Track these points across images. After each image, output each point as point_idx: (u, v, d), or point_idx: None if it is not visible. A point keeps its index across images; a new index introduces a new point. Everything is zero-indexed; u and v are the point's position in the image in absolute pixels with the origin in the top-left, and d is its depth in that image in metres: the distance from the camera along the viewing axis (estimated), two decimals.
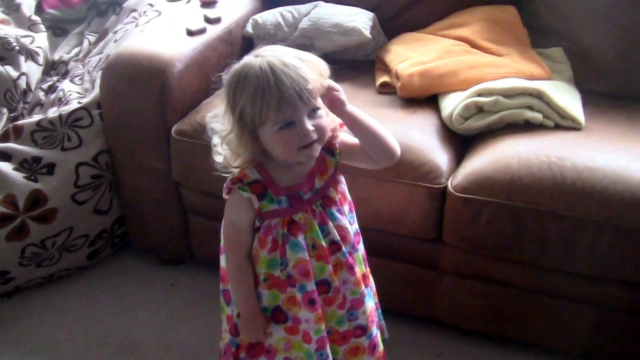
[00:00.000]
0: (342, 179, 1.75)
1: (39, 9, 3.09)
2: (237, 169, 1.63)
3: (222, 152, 1.62)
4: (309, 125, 1.53)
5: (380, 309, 1.93)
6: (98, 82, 2.47)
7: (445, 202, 2.08)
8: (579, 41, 2.49)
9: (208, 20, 2.57)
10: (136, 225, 2.64)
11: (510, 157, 2.04)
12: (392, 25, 2.70)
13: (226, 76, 1.56)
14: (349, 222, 1.73)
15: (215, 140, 1.63)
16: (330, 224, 1.70)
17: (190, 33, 2.49)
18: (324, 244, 1.69)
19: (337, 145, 1.70)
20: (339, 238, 1.70)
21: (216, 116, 1.62)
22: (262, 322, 1.73)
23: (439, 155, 2.13)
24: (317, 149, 1.59)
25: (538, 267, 2.05)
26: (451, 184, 2.06)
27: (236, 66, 1.55)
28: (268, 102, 1.49)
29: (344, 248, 1.71)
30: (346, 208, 1.74)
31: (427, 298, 2.26)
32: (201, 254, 2.59)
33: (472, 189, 2.02)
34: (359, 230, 1.79)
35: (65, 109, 2.46)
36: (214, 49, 2.51)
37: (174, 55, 2.38)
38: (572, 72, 2.45)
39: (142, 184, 2.50)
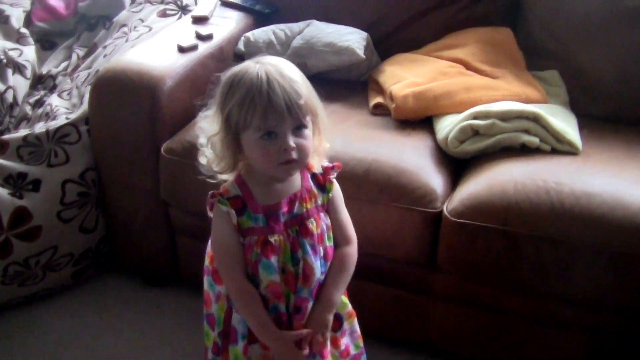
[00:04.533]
0: (329, 221, 1.72)
1: (27, 22, 3.04)
2: (221, 175, 1.65)
3: (207, 155, 1.63)
4: (291, 141, 1.53)
5: (365, 354, 1.86)
6: (87, 97, 2.42)
7: (440, 227, 2.04)
8: (574, 63, 2.47)
9: (200, 37, 2.53)
10: (122, 245, 2.58)
11: (506, 181, 2.00)
12: (386, 45, 2.67)
13: (224, 77, 1.57)
14: (319, 266, 1.68)
15: (202, 140, 1.64)
16: (301, 253, 1.66)
17: (182, 49, 2.45)
18: (292, 270, 1.66)
19: (331, 181, 1.70)
20: (300, 273, 1.66)
21: (207, 116, 1.62)
22: (290, 340, 1.66)
23: (434, 179, 2.09)
24: (296, 168, 1.60)
25: (534, 293, 2.01)
26: (447, 208, 2.02)
27: (235, 68, 1.56)
28: (255, 108, 1.50)
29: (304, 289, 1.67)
30: (321, 250, 1.69)
31: (420, 324, 2.21)
32: (188, 275, 2.53)
33: (468, 214, 1.98)
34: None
35: (53, 125, 2.41)
36: (205, 66, 2.47)
37: (165, 71, 2.33)
38: (567, 95, 2.43)
39: (129, 203, 2.45)
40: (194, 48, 2.47)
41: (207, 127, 1.61)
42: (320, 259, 1.68)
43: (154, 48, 2.50)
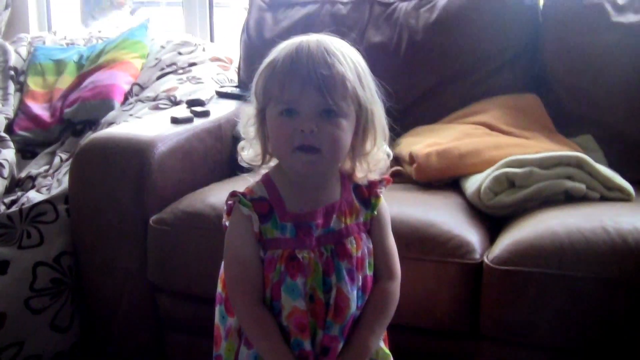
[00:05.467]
0: (371, 245, 1.43)
1: (9, 131, 2.83)
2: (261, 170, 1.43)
3: (242, 143, 1.44)
4: (313, 124, 1.28)
5: None
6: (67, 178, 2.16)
7: (481, 283, 1.71)
8: (608, 127, 2.29)
9: (195, 113, 2.30)
10: (101, 347, 2.20)
11: (555, 225, 1.72)
12: (401, 124, 2.43)
13: None
14: (355, 297, 1.38)
15: (239, 125, 1.44)
16: (334, 279, 1.36)
17: (176, 121, 2.21)
18: (323, 299, 1.36)
19: (379, 195, 1.44)
20: (332, 304, 1.36)
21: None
22: None
23: (469, 232, 1.80)
24: (319, 162, 1.32)
25: (600, 354, 1.66)
26: (487, 258, 1.71)
27: None
28: (275, 76, 1.31)
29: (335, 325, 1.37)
30: (359, 279, 1.40)
31: None
32: None
33: (515, 260, 1.67)
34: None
35: (28, 203, 2.13)
36: (202, 140, 2.23)
37: (156, 137, 2.09)
38: (605, 159, 2.18)
39: (109, 291, 2.10)
40: (189, 120, 2.24)
41: (245, 108, 1.42)
42: (357, 289, 1.38)
43: (144, 121, 2.28)
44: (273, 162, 1.43)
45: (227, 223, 1.41)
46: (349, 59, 1.33)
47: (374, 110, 1.37)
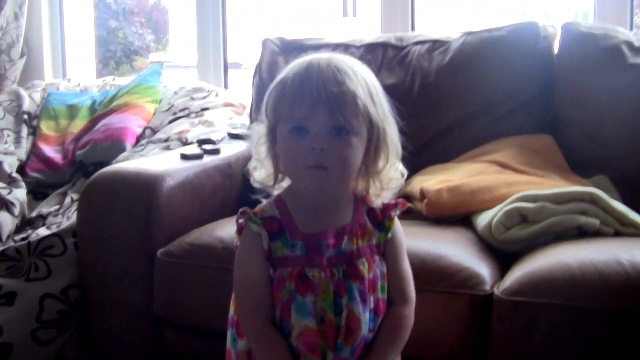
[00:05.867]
0: (384, 269, 1.41)
1: (21, 172, 2.84)
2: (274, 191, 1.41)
3: (253, 164, 1.42)
4: (322, 141, 1.27)
5: None
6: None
7: (490, 315, 1.67)
8: (624, 168, 2.24)
9: (205, 151, 2.30)
10: None
11: (567, 257, 1.68)
12: (412, 165, 2.41)
13: None
14: (367, 320, 1.35)
15: (251, 144, 1.44)
16: (345, 300, 1.33)
17: (185, 157, 2.21)
18: (333, 320, 1.32)
19: (392, 218, 1.41)
20: (343, 325, 1.33)
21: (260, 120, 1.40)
22: None
23: (479, 265, 1.77)
24: (329, 179, 1.31)
25: None
26: (497, 289, 1.67)
27: None
28: (285, 94, 1.30)
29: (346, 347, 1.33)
30: (371, 301, 1.37)
31: None
32: None
33: (525, 291, 1.63)
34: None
35: (35, 236, 2.12)
36: (211, 177, 2.22)
37: (165, 171, 2.09)
38: (621, 199, 2.13)
39: (116, 325, 2.08)
40: (198, 157, 2.24)
41: (256, 127, 1.40)
42: (369, 311, 1.35)
43: (153, 157, 2.27)
44: (285, 183, 1.41)
45: (237, 243, 1.39)
46: (360, 77, 1.32)
47: (386, 128, 1.36)
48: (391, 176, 1.40)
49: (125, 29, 6.08)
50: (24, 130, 3.01)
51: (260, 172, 1.41)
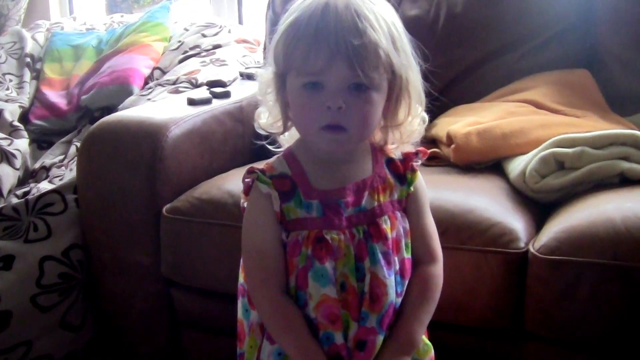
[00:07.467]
0: (407, 225, 1.29)
1: (24, 120, 2.72)
2: (281, 140, 1.32)
3: (260, 109, 1.32)
4: (340, 99, 1.13)
5: None
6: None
7: (525, 275, 1.52)
8: None
9: (214, 94, 2.14)
10: (114, 348, 2.06)
11: (610, 210, 1.52)
12: (440, 104, 2.25)
13: None
14: (393, 283, 1.23)
15: (257, 89, 1.32)
16: (368, 264, 1.21)
17: (192, 102, 2.06)
18: (356, 287, 1.21)
19: (415, 169, 1.29)
20: (367, 291, 1.21)
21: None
22: None
23: (512, 219, 1.61)
24: (347, 141, 1.20)
25: None
26: (533, 246, 1.52)
27: None
28: (298, 41, 1.16)
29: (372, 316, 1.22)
30: (396, 262, 1.25)
31: None
32: None
33: (564, 249, 1.47)
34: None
35: (36, 191, 2.00)
36: (221, 123, 2.06)
37: (170, 119, 1.93)
38: None
39: (122, 288, 1.97)
40: (207, 102, 2.08)
41: (263, 72, 1.29)
42: (395, 274, 1.24)
43: (158, 104, 2.12)
44: (295, 130, 1.29)
45: (245, 204, 1.27)
46: (382, 20, 1.18)
47: (409, 76, 1.23)
48: (413, 128, 1.28)
49: None
50: (27, 75, 2.90)
51: (268, 119, 1.29)
